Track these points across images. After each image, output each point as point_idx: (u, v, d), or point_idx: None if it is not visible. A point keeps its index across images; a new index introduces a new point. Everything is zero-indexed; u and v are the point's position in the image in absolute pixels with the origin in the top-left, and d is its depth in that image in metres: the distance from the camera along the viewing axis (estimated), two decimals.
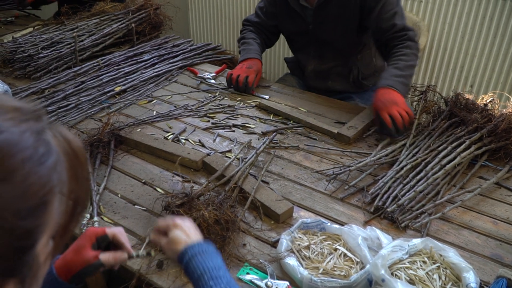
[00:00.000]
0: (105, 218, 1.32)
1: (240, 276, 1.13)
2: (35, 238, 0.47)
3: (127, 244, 0.97)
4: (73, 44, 2.25)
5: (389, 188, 1.42)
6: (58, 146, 0.49)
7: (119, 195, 1.43)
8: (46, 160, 0.46)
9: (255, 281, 1.10)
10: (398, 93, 1.73)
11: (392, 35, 1.91)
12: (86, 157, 0.55)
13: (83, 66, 2.18)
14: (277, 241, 1.23)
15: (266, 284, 1.09)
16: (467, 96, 1.69)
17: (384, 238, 1.18)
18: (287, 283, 1.10)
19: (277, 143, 1.69)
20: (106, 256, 0.92)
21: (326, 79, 2.15)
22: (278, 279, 1.12)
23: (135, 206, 1.38)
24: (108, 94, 2.00)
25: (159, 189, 1.46)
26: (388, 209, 1.33)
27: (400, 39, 1.89)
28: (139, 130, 1.75)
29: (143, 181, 1.50)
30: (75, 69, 2.16)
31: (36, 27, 2.65)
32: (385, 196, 1.38)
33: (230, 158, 1.60)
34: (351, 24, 1.96)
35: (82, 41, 2.31)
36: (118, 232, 0.97)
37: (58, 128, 0.51)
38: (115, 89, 2.03)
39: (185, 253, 0.91)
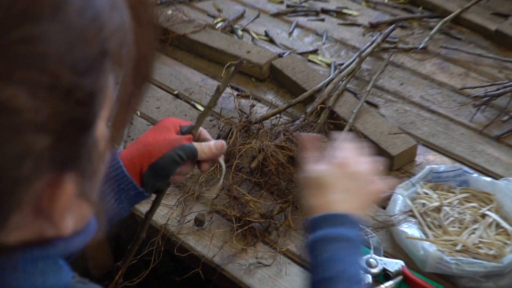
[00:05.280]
0: None
1: None
2: (95, 110, 0.51)
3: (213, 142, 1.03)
4: None
5: None
6: None
7: (138, 112, 1.46)
8: None
9: None
10: None
11: None
12: None
13: None
14: (389, 197, 1.21)
15: (367, 263, 1.08)
16: None
17: None
18: (400, 262, 1.08)
19: (395, 42, 1.66)
20: (201, 145, 1.00)
21: None
22: (386, 256, 1.11)
23: None
24: None
25: (199, 107, 1.47)
26: None
27: None
28: (170, 12, 1.74)
29: (175, 92, 1.52)
30: None
31: None
32: None
33: (315, 62, 1.59)
34: None
35: None
36: (203, 130, 1.05)
37: None
38: None
39: (325, 224, 0.87)
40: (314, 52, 1.64)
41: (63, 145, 0.49)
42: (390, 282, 1.08)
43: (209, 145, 1.00)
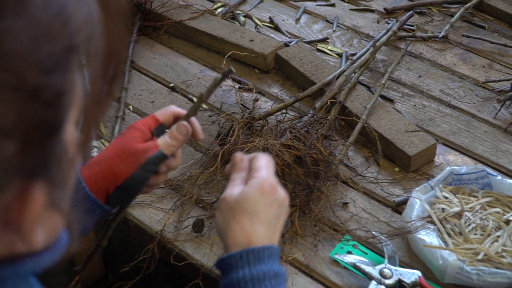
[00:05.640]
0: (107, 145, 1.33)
1: (335, 256, 1.11)
2: (63, 112, 0.51)
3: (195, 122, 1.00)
4: None
5: None
6: None
7: (130, 107, 1.45)
8: None
9: (362, 266, 1.08)
10: None
11: None
12: None
13: None
14: (405, 201, 1.21)
15: (381, 273, 1.07)
16: None
17: None
18: (417, 273, 1.07)
19: (413, 30, 1.66)
20: (165, 141, 0.97)
21: None
22: (402, 266, 1.10)
23: None
24: None
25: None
26: None
27: None
28: None
29: (171, 85, 1.51)
30: None
31: None
32: None
33: (325, 52, 1.58)
34: None
35: None
36: (173, 111, 1.01)
37: None
38: None
39: (252, 260, 0.86)
40: (324, 40, 1.63)
41: (30, 152, 0.49)
42: None
43: (171, 134, 0.96)
